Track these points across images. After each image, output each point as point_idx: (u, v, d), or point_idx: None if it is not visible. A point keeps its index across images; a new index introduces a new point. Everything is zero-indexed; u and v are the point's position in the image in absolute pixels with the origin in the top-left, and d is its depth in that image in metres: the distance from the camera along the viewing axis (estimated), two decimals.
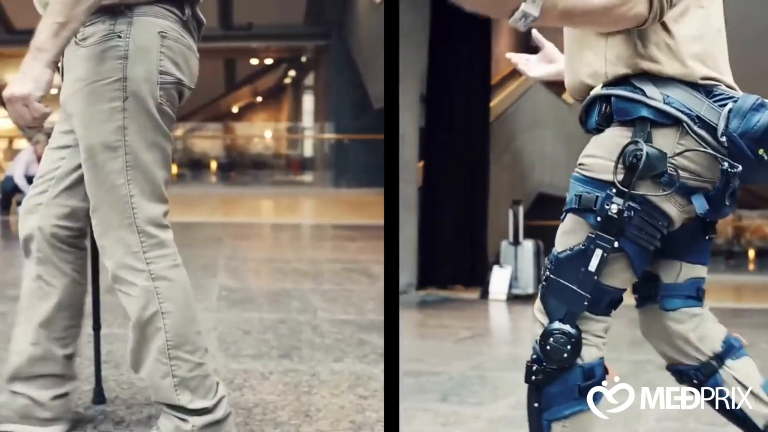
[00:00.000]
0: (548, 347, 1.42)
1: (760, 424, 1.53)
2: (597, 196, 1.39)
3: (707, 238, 1.55)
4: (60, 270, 1.87)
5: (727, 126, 1.35)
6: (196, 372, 1.77)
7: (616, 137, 1.41)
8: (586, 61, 1.46)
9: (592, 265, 1.40)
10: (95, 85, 1.66)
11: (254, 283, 4.71)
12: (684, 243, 1.52)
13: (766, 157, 1.36)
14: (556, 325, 1.42)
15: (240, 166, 17.40)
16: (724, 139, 1.35)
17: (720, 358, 1.57)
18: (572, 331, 1.41)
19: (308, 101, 18.24)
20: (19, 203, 8.09)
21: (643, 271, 1.50)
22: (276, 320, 3.58)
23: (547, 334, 1.42)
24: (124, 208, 1.69)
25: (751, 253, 14.55)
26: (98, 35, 1.66)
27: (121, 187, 1.69)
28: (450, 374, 3.53)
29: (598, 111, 1.45)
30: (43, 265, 1.87)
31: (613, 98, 1.42)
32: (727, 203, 1.40)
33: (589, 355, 1.44)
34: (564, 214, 1.46)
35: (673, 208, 1.40)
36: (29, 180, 8.39)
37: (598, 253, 1.39)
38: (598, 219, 1.39)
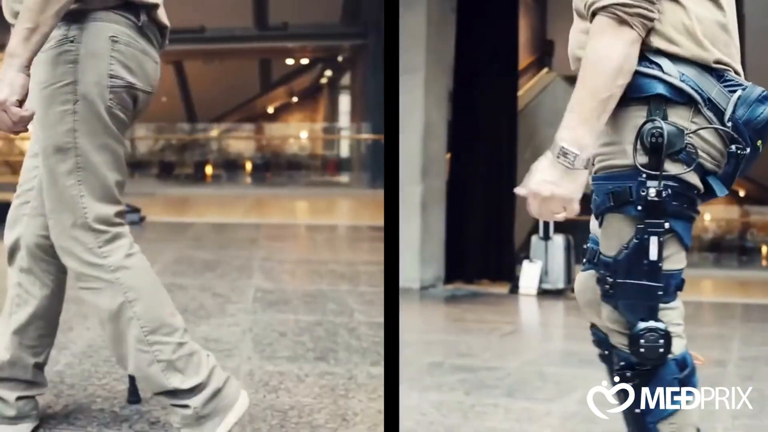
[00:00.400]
0: (642, 349, 1.42)
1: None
2: (629, 187, 1.39)
3: None
4: (40, 280, 1.94)
5: (734, 112, 1.38)
6: (180, 352, 1.81)
7: (631, 117, 1.41)
8: None
9: (653, 254, 1.40)
10: (50, 88, 1.73)
11: (290, 284, 4.72)
12: None
13: (761, 150, 1.40)
14: (643, 325, 1.42)
15: (275, 167, 17.52)
16: (729, 124, 1.38)
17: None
18: (660, 325, 1.42)
19: (344, 101, 18.30)
20: None
21: (595, 237, 1.56)
22: (312, 322, 3.58)
23: (635, 337, 1.42)
24: (75, 208, 1.76)
25: (765, 249, 14.50)
26: (54, 40, 1.72)
27: (71, 188, 1.76)
28: (506, 370, 3.54)
29: None
30: (25, 274, 1.95)
31: None
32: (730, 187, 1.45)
33: (676, 346, 1.44)
34: (599, 218, 1.46)
35: (695, 177, 1.41)
36: None
37: (654, 240, 1.39)
38: (639, 208, 1.39)
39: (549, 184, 1.36)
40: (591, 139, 1.36)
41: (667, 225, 1.39)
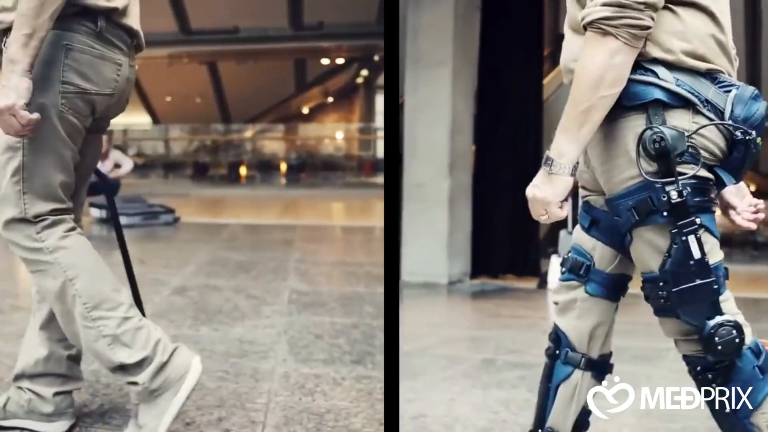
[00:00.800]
0: (720, 346, 1.44)
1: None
2: (649, 196, 1.43)
3: None
4: None
5: (732, 111, 1.43)
6: (126, 326, 1.87)
7: (631, 126, 1.45)
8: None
9: (696, 253, 1.43)
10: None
11: (325, 286, 4.73)
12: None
13: (760, 147, 1.45)
14: (712, 322, 1.44)
15: (310, 168, 17.62)
16: (729, 123, 1.43)
17: (589, 363, 1.68)
18: (729, 318, 1.44)
19: (380, 101, 18.33)
20: (91, 204, 8.36)
21: (580, 248, 1.68)
22: (348, 324, 3.58)
23: (708, 337, 1.44)
24: (17, 204, 1.87)
25: None
26: None
27: (15, 185, 1.86)
28: None
29: None
30: None
31: None
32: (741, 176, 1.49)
33: (746, 334, 1.47)
34: (628, 237, 1.49)
35: (704, 171, 1.44)
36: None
37: (692, 239, 1.43)
38: (666, 214, 1.42)
39: (532, 187, 1.47)
40: (571, 148, 1.44)
41: (698, 221, 1.43)
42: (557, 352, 1.70)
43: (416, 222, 7.01)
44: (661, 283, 1.45)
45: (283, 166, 17.98)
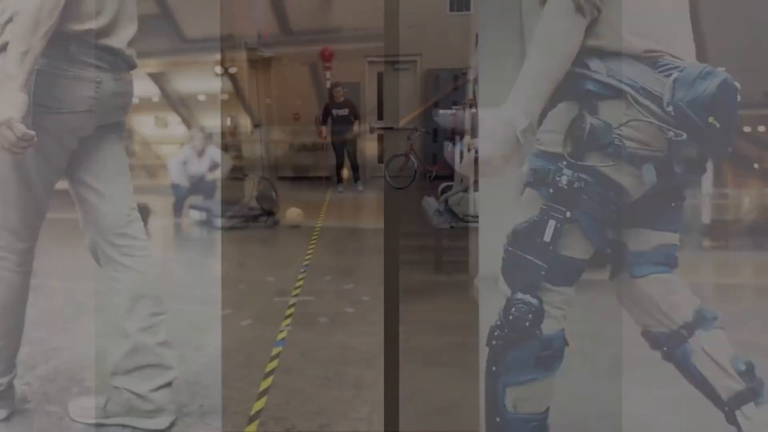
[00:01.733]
0: (511, 317, 1.58)
1: (724, 396, 1.70)
2: (550, 169, 1.56)
3: (673, 204, 1.69)
4: (121, 264, 2.15)
5: (672, 95, 1.46)
6: None
7: (565, 113, 1.56)
8: None
9: (547, 236, 1.57)
10: None
11: None
12: (651, 211, 1.68)
13: (717, 125, 1.47)
14: (518, 295, 1.58)
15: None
16: (670, 108, 1.47)
17: (690, 327, 1.72)
18: (533, 301, 1.58)
19: None
20: (191, 206, 8.59)
21: (612, 241, 1.72)
22: None
23: (509, 304, 1.59)
24: None
25: None
26: None
27: None
28: None
29: None
30: (108, 264, 2.18)
31: None
32: (677, 170, 1.52)
33: (548, 326, 1.60)
34: (523, 188, 1.64)
35: (626, 178, 1.54)
36: (193, 178, 8.88)
37: (552, 223, 1.56)
38: (551, 191, 1.55)
39: None
40: None
41: (568, 214, 1.55)
42: (665, 349, 1.78)
43: (493, 213, 6.97)
44: (510, 239, 1.62)
45: None
